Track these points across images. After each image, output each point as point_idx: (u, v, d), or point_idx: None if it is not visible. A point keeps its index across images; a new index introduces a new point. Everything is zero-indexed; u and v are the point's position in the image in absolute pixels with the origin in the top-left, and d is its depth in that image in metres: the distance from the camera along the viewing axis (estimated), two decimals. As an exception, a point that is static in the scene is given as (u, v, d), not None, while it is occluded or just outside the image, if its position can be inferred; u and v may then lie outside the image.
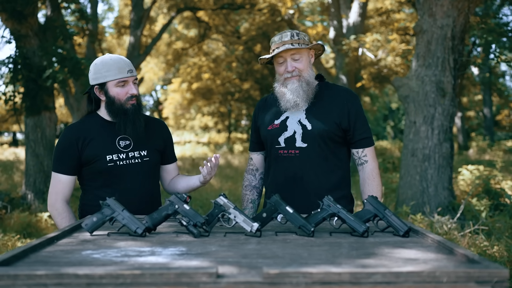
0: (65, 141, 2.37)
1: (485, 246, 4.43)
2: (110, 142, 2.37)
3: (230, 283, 1.19)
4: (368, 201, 1.91)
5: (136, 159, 2.38)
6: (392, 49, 11.22)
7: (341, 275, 1.19)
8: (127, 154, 2.37)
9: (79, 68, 7.59)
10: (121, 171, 2.35)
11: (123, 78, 2.31)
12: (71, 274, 1.18)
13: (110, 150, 2.35)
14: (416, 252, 1.52)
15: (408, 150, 6.40)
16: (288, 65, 2.39)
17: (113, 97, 2.33)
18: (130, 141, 2.39)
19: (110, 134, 2.38)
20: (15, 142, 29.59)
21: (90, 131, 2.38)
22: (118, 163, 2.35)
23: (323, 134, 2.38)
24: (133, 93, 2.33)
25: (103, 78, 2.32)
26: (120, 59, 2.34)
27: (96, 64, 2.34)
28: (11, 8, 6.92)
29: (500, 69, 25.87)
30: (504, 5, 12.12)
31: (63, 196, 2.38)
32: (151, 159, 2.42)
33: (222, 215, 1.89)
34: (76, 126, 2.43)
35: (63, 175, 2.37)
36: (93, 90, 2.38)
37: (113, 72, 2.30)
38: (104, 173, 2.35)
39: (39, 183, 7.56)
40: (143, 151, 2.40)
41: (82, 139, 2.35)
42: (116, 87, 2.32)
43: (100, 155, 2.34)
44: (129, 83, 2.34)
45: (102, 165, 2.34)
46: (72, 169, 2.38)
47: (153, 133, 2.48)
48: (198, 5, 16.64)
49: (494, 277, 1.19)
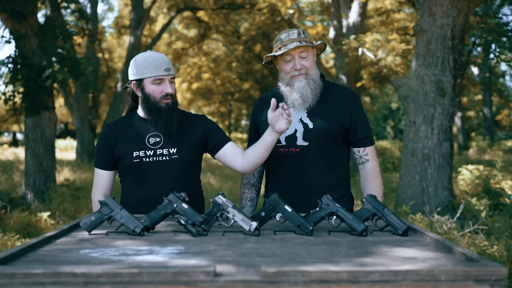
0: (101, 137, 2.45)
1: (484, 246, 4.42)
2: (140, 139, 2.38)
3: (228, 282, 1.18)
4: (367, 200, 1.90)
5: (164, 157, 2.35)
6: (392, 49, 11.23)
7: (339, 274, 1.18)
8: (155, 151, 2.35)
9: (78, 68, 7.58)
10: (147, 168, 2.34)
11: (159, 76, 2.31)
12: (68, 272, 1.18)
13: (138, 147, 2.36)
14: (415, 250, 1.52)
15: (408, 150, 6.40)
16: (297, 62, 2.38)
17: (149, 94, 2.33)
18: (160, 138, 2.37)
19: (142, 131, 2.39)
20: (15, 142, 29.59)
21: (124, 128, 2.43)
22: (144, 159, 2.34)
23: (324, 133, 2.38)
24: (168, 92, 2.33)
25: (140, 74, 2.34)
26: (159, 57, 2.34)
27: (136, 60, 2.36)
28: (10, 8, 6.92)
29: (500, 69, 25.88)
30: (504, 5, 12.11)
31: (101, 190, 2.45)
32: (180, 157, 2.37)
33: (221, 214, 1.88)
34: (112, 124, 2.50)
35: (100, 170, 2.46)
36: (131, 85, 2.40)
37: (150, 69, 2.31)
38: (130, 169, 2.37)
39: (38, 183, 7.56)
40: (173, 148, 2.37)
41: (115, 136, 2.41)
42: (152, 84, 2.32)
43: (127, 151, 2.36)
44: (165, 81, 2.33)
45: (129, 161, 2.36)
46: (107, 165, 2.44)
47: (189, 130, 2.44)
48: (198, 5, 16.65)
49: (493, 276, 1.18)
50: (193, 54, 21.68)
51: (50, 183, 7.63)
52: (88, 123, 16.11)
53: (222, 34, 19.22)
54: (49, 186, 7.56)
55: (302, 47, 2.37)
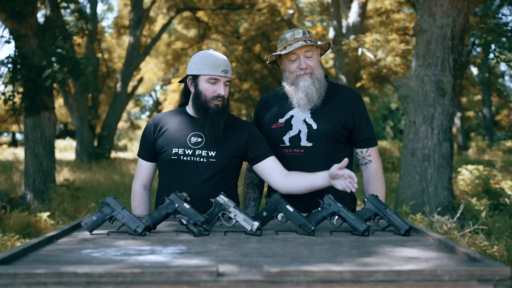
0: (146, 128, 2.47)
1: (485, 246, 4.42)
2: (182, 136, 2.37)
3: (230, 282, 1.18)
4: (368, 200, 1.90)
5: (202, 158, 2.33)
6: (392, 49, 11.23)
7: (343, 274, 1.18)
8: (194, 151, 2.34)
9: (78, 68, 7.58)
10: (183, 166, 2.33)
11: (215, 75, 2.30)
12: (70, 272, 1.18)
13: (179, 144, 2.35)
14: (417, 250, 1.52)
15: (407, 150, 6.40)
16: (302, 62, 2.38)
17: (201, 91, 2.33)
18: (202, 139, 2.35)
19: (186, 128, 2.38)
20: (15, 142, 29.57)
21: (169, 122, 2.43)
22: (182, 157, 2.33)
23: (328, 134, 2.38)
24: (221, 93, 2.31)
25: (198, 70, 2.33)
26: (220, 57, 2.33)
27: (197, 56, 2.36)
28: (10, 7, 6.91)
29: (499, 69, 25.90)
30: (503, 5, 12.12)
31: (140, 180, 2.48)
32: (218, 161, 2.33)
33: (222, 214, 1.88)
34: (159, 116, 2.50)
35: (142, 160, 2.48)
36: (187, 79, 2.41)
37: (208, 67, 2.30)
38: (167, 165, 2.37)
39: (38, 183, 7.55)
40: (212, 151, 2.33)
41: (158, 129, 2.41)
42: (206, 82, 2.32)
43: (168, 146, 2.36)
44: (220, 82, 2.32)
45: (167, 157, 2.35)
46: (149, 156, 2.45)
47: (232, 135, 2.40)
48: (198, 5, 16.64)
49: (496, 276, 1.18)
50: (193, 54, 21.65)
51: (50, 183, 7.62)
52: (87, 123, 16.10)
53: (221, 34, 19.21)
54: (48, 186, 7.55)
55: (307, 46, 2.37)
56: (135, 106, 36.31)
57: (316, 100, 2.39)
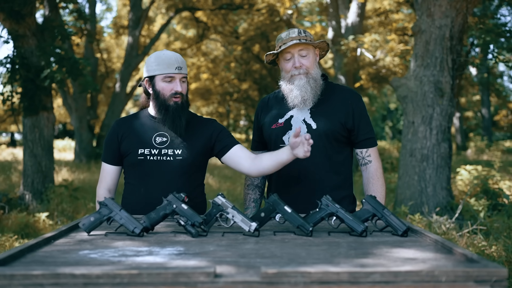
0: (110, 132, 2.48)
1: (483, 246, 4.43)
2: (147, 137, 2.39)
3: (228, 283, 1.18)
4: (366, 200, 1.90)
5: (169, 157, 2.35)
6: (391, 49, 11.23)
7: (340, 275, 1.18)
8: (160, 151, 2.36)
9: (77, 68, 7.57)
10: (151, 167, 2.35)
11: (170, 73, 2.32)
12: (67, 274, 1.17)
13: (144, 145, 2.37)
14: (415, 251, 1.52)
15: (406, 150, 6.40)
16: (296, 61, 2.39)
17: (158, 91, 2.35)
18: (167, 139, 2.38)
19: (150, 129, 2.41)
20: (13, 143, 29.54)
21: (132, 125, 2.45)
22: (149, 157, 2.35)
23: (328, 134, 2.38)
24: (178, 90, 2.33)
25: (152, 71, 2.35)
26: (172, 55, 2.35)
27: (150, 58, 2.39)
28: (9, 8, 6.90)
29: (498, 69, 25.92)
30: (502, 6, 12.12)
31: (105, 185, 2.48)
32: (185, 158, 2.36)
33: (220, 215, 1.88)
34: (122, 120, 2.52)
35: (106, 164, 2.48)
36: (144, 82, 2.43)
37: (162, 66, 2.32)
38: (134, 166, 2.39)
39: (37, 184, 7.54)
40: (178, 150, 2.36)
41: (122, 132, 2.43)
42: (162, 81, 2.34)
43: (133, 148, 2.38)
44: (176, 80, 2.34)
45: (133, 158, 2.37)
46: (113, 160, 2.46)
47: (196, 133, 2.43)
48: (197, 5, 16.63)
49: (493, 276, 1.18)
50: (192, 55, 21.66)
51: (49, 184, 7.61)
52: (86, 123, 16.09)
53: (220, 35, 19.21)
54: (47, 187, 7.54)
55: (302, 45, 2.37)
56: (134, 106, 36.25)
57: (311, 99, 2.39)
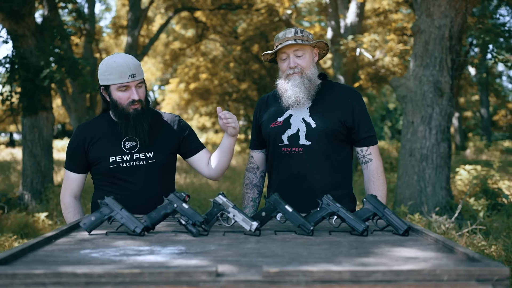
0: (74, 140, 2.41)
1: (482, 246, 4.43)
2: (116, 143, 2.35)
3: (230, 282, 1.18)
4: (367, 199, 1.90)
5: (141, 161, 2.34)
6: (390, 49, 11.23)
7: (342, 274, 1.18)
8: (131, 156, 2.33)
9: (76, 68, 7.57)
10: (125, 173, 2.32)
11: (123, 83, 2.26)
12: (69, 273, 1.17)
13: (114, 152, 2.33)
14: (416, 250, 1.52)
15: (406, 150, 6.41)
16: (291, 61, 2.39)
17: (116, 100, 2.29)
18: (136, 143, 2.35)
19: (117, 135, 2.36)
20: (12, 143, 29.49)
21: (98, 131, 2.39)
22: (121, 164, 2.32)
23: (327, 132, 2.38)
24: (135, 98, 2.27)
25: (106, 81, 2.29)
26: (124, 63, 2.25)
27: (102, 66, 2.30)
28: (8, 7, 6.90)
29: (497, 69, 25.94)
30: (501, 6, 12.14)
31: (71, 192, 2.43)
32: (157, 160, 2.36)
33: (221, 214, 1.88)
34: (85, 126, 2.44)
35: (71, 173, 2.43)
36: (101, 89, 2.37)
37: (114, 76, 2.25)
38: (107, 175, 2.35)
39: (36, 184, 7.53)
40: (149, 152, 2.35)
41: (89, 140, 2.37)
42: (118, 91, 2.28)
43: (103, 157, 2.33)
44: (131, 88, 2.27)
45: (105, 166, 2.33)
46: (80, 168, 2.41)
47: (163, 133, 2.42)
48: (196, 5, 16.62)
49: (495, 275, 1.18)
50: (191, 55, 21.64)
51: (48, 184, 7.61)
52: (85, 123, 16.06)
53: (219, 35, 19.20)
54: (46, 187, 7.53)
55: (297, 45, 2.37)
56: (133, 106, 36.23)
57: (305, 99, 2.39)
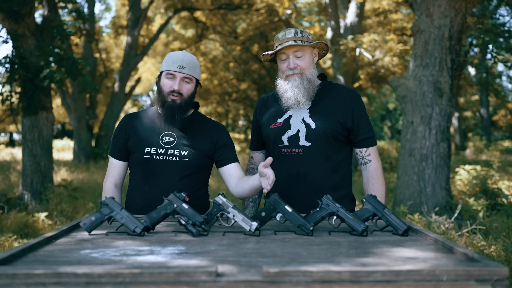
0: (119, 127, 2.50)
1: (482, 246, 4.43)
2: (154, 135, 2.40)
3: (230, 282, 1.18)
4: (367, 200, 1.91)
5: (175, 157, 2.37)
6: (390, 49, 11.24)
7: (341, 274, 1.18)
8: (166, 150, 2.37)
9: (76, 68, 7.56)
10: (156, 166, 2.36)
11: (170, 70, 2.36)
12: (70, 273, 1.18)
13: (151, 143, 2.38)
14: (416, 250, 1.52)
15: (405, 150, 6.41)
16: (290, 62, 2.40)
17: (161, 86, 2.40)
18: (174, 139, 2.40)
19: (157, 128, 2.42)
20: (12, 142, 29.50)
21: (141, 121, 2.46)
22: (155, 157, 2.36)
23: (327, 133, 2.38)
24: (175, 88, 2.35)
25: (162, 67, 2.42)
26: (180, 55, 2.38)
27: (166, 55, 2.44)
28: (8, 7, 6.90)
29: (496, 69, 25.96)
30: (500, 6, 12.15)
31: (112, 179, 2.49)
32: (190, 160, 2.38)
33: (221, 214, 1.88)
34: (131, 115, 2.53)
35: (113, 159, 2.50)
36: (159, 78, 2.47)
37: (167, 63, 2.38)
38: (140, 164, 2.39)
39: (36, 184, 7.53)
40: (184, 151, 2.38)
41: (131, 128, 2.44)
42: (165, 78, 2.39)
43: (140, 146, 2.39)
44: (176, 78, 2.36)
45: (140, 156, 2.38)
46: (121, 155, 2.47)
47: (203, 135, 2.46)
48: (196, 5, 16.63)
49: (494, 276, 1.19)
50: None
51: (48, 184, 7.61)
52: (85, 123, 16.07)
53: (219, 35, 19.20)
54: (46, 187, 7.53)
55: (297, 46, 2.38)
56: (133, 106, 36.26)
57: (304, 100, 2.39)
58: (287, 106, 2.42)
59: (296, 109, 2.43)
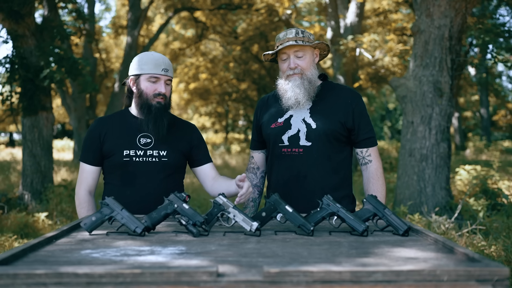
0: (90, 132, 2.45)
1: (482, 246, 4.43)
2: (131, 137, 2.39)
3: (230, 282, 1.18)
4: (367, 200, 1.90)
5: (154, 158, 2.37)
6: (390, 49, 11.25)
7: (342, 274, 1.18)
8: (145, 152, 2.37)
9: (76, 68, 7.57)
10: (136, 168, 2.35)
11: (155, 74, 2.35)
12: (70, 273, 1.18)
13: (128, 146, 2.37)
14: (416, 251, 1.52)
15: (405, 150, 6.41)
16: (291, 62, 2.40)
17: (142, 90, 2.37)
18: (151, 140, 2.40)
19: (133, 130, 2.41)
20: (12, 143, 29.51)
21: (114, 124, 2.44)
22: (134, 159, 2.35)
23: (328, 133, 2.38)
24: (161, 91, 2.36)
25: (139, 70, 2.38)
26: (160, 57, 2.38)
27: (138, 56, 2.42)
28: (8, 8, 6.90)
29: (497, 69, 25.96)
30: (500, 6, 12.15)
31: (86, 186, 2.44)
32: (170, 160, 2.39)
33: (222, 214, 1.88)
34: (103, 119, 2.50)
35: (86, 165, 2.44)
36: (129, 80, 2.44)
37: (149, 66, 2.35)
38: (119, 168, 2.38)
39: (36, 184, 7.53)
40: (163, 151, 2.39)
41: (105, 132, 2.41)
42: (147, 81, 2.36)
43: (117, 149, 2.37)
44: (161, 81, 2.36)
45: (118, 159, 2.36)
46: (95, 160, 2.43)
47: (179, 135, 2.47)
48: (196, 5, 16.63)
49: (495, 276, 1.19)
50: (191, 54, 21.65)
51: (48, 184, 7.61)
52: (85, 123, 16.08)
53: (219, 35, 19.21)
54: (46, 187, 7.54)
55: (297, 46, 2.38)
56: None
57: (304, 100, 2.39)
58: (287, 106, 2.43)
59: (296, 109, 2.43)
